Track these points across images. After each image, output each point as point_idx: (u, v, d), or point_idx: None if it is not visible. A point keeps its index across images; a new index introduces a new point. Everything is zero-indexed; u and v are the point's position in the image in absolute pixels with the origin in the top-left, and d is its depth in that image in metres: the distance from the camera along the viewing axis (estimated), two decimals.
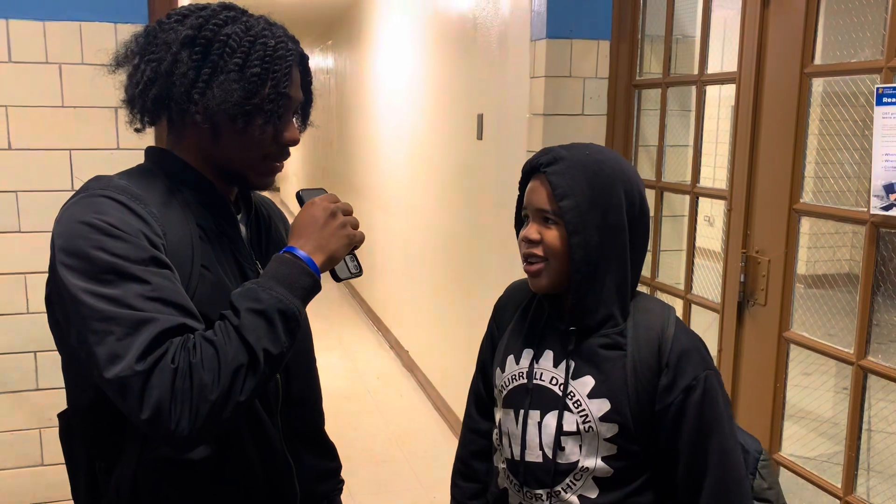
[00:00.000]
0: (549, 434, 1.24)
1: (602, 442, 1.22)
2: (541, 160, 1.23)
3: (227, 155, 1.13)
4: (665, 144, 2.54)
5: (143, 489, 1.09)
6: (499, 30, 3.13)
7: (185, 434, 0.94)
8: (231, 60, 1.07)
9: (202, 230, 1.11)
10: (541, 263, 1.23)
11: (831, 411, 3.89)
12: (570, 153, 1.23)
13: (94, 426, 1.10)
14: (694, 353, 1.22)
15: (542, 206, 1.22)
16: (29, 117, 2.14)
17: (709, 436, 1.19)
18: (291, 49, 1.13)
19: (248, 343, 0.98)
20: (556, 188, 1.19)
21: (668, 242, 2.62)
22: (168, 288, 0.99)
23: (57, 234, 1.01)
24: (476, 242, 3.56)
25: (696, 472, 1.20)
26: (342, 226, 1.11)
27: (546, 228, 1.22)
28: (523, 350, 1.30)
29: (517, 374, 1.30)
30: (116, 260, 0.97)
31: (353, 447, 3.76)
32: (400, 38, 4.98)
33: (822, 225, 6.37)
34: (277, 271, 1.05)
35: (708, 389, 1.20)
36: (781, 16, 1.91)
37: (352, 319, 6.21)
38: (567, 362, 1.25)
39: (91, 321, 0.95)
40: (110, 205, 1.01)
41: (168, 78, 1.07)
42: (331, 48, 8.15)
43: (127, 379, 0.92)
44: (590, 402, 1.22)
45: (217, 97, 1.06)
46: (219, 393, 0.95)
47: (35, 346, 2.21)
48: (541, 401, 1.26)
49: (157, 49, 1.09)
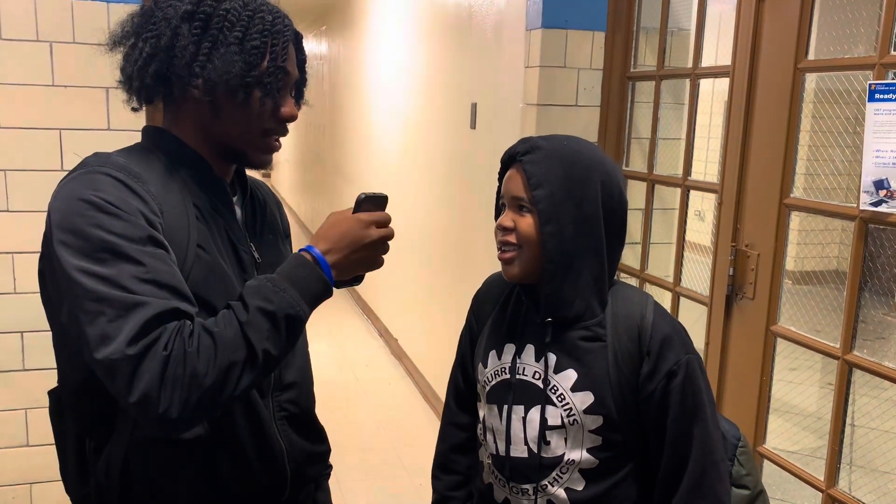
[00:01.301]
0: (533, 429, 1.24)
1: (587, 434, 1.23)
2: (518, 149, 1.24)
3: (227, 130, 1.13)
4: (658, 137, 2.54)
5: (134, 468, 1.09)
6: (494, 18, 3.12)
7: (173, 418, 0.94)
8: (231, 34, 1.07)
9: (198, 210, 1.11)
10: (514, 251, 1.24)
11: (816, 406, 3.92)
12: (547, 143, 1.23)
13: (85, 404, 1.10)
14: (674, 338, 1.22)
15: (517, 194, 1.23)
16: (19, 96, 2.12)
17: (692, 421, 1.20)
18: (288, 24, 1.14)
19: (250, 341, 0.98)
20: (531, 177, 1.20)
21: (659, 235, 2.63)
22: (162, 270, 0.98)
23: (54, 210, 1.01)
24: (467, 231, 3.56)
25: (678, 457, 1.21)
26: (373, 258, 1.13)
27: (520, 216, 1.23)
28: (504, 345, 1.31)
29: (500, 369, 1.30)
30: (113, 238, 0.96)
31: (340, 434, 3.77)
32: (394, 25, 4.95)
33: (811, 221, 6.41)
34: (294, 272, 1.04)
35: (689, 374, 1.21)
36: (776, 10, 1.91)
37: (341, 307, 6.21)
38: (546, 356, 1.25)
39: (83, 300, 0.94)
40: (109, 182, 1.01)
41: (168, 52, 1.07)
42: (324, 34, 8.11)
43: (117, 361, 0.92)
44: (573, 395, 1.22)
45: (218, 69, 1.06)
46: (211, 383, 0.95)
47: (22, 326, 2.19)
48: (524, 396, 1.26)
49: (156, 26, 1.08)
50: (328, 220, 1.12)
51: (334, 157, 7.34)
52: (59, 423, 1.19)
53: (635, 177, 2.61)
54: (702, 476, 1.20)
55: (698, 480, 1.20)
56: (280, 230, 1.33)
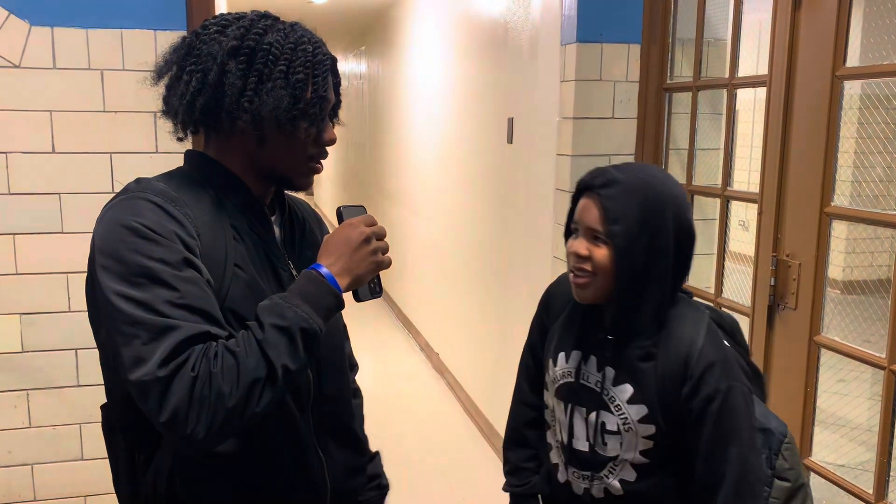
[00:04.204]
0: (593, 430, 1.37)
1: (640, 439, 1.33)
2: (595, 181, 1.30)
3: (273, 159, 1.17)
4: (696, 148, 2.53)
5: (178, 481, 1.13)
6: (529, 34, 3.14)
7: (200, 438, 0.97)
8: (276, 68, 1.11)
9: (236, 231, 1.14)
10: (587, 278, 1.31)
11: (864, 418, 3.82)
12: (624, 176, 1.29)
13: (131, 419, 1.13)
14: (718, 365, 1.29)
15: (593, 226, 1.29)
16: (72, 122, 2.21)
17: (727, 444, 1.27)
18: (327, 53, 1.17)
19: (269, 358, 1.01)
20: (609, 212, 1.26)
21: (699, 246, 2.60)
22: (195, 294, 1.02)
23: (97, 235, 1.06)
24: (506, 246, 3.58)
25: (712, 475, 1.28)
26: (373, 252, 1.15)
27: (595, 246, 1.29)
28: (572, 351, 1.41)
29: (566, 371, 1.41)
30: (150, 262, 1.00)
31: (381, 448, 3.77)
32: (432, 43, 5.02)
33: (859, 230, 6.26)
34: (304, 289, 1.08)
35: (728, 401, 1.27)
36: (813, 18, 1.90)
37: (382, 321, 6.26)
38: (605, 370, 1.35)
39: (120, 323, 0.99)
40: (147, 207, 1.05)
41: (216, 88, 1.10)
42: (364, 53, 8.23)
43: (148, 383, 0.96)
44: (629, 406, 1.32)
45: (269, 104, 1.10)
46: (235, 402, 0.98)
47: (76, 343, 2.28)
48: (587, 400, 1.37)
49: (200, 60, 1.12)
50: (323, 241, 1.16)
51: (375, 174, 7.43)
52: (110, 437, 1.23)
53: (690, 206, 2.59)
54: (735, 497, 1.26)
55: (732, 499, 1.26)
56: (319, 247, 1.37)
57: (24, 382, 2.30)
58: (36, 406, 2.31)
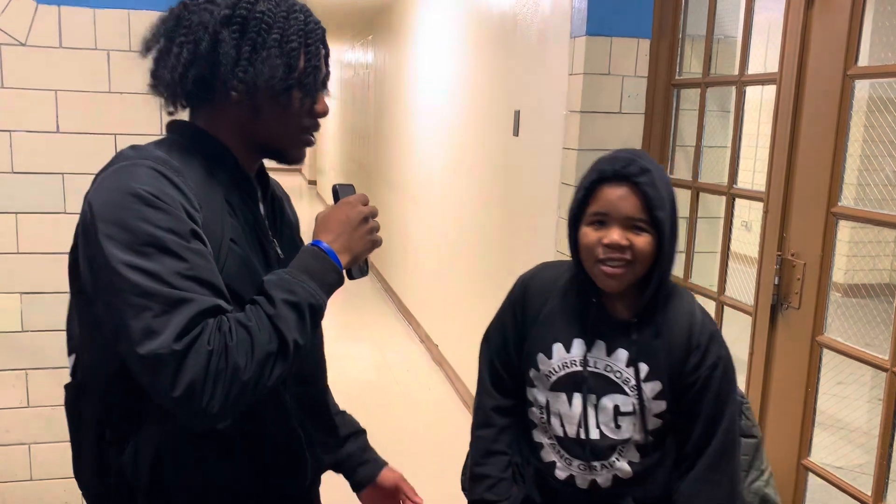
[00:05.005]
0: (606, 415, 1.40)
1: (651, 417, 1.39)
2: (629, 170, 1.31)
3: (266, 130, 1.15)
4: (703, 145, 2.52)
5: (165, 460, 1.10)
6: (538, 26, 3.13)
7: (214, 412, 0.96)
8: (269, 37, 1.09)
9: (229, 205, 1.13)
10: (625, 267, 1.32)
11: (863, 421, 3.82)
12: (650, 164, 1.33)
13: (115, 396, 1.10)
14: (717, 335, 1.40)
15: (633, 214, 1.31)
16: (77, 102, 2.20)
17: (724, 405, 1.38)
18: (318, 22, 1.15)
19: (282, 332, 1.01)
20: (653, 200, 1.30)
21: (703, 244, 2.60)
22: (203, 267, 1.00)
23: (96, 201, 1.01)
24: (509, 238, 3.57)
25: (707, 433, 1.38)
26: (370, 231, 1.16)
27: (635, 235, 1.31)
28: (573, 339, 1.41)
29: (569, 361, 1.41)
30: (158, 232, 0.97)
31: (379, 437, 3.79)
32: (439, 34, 5.00)
33: (862, 233, 6.25)
34: (309, 265, 1.08)
35: (727, 366, 1.39)
36: (825, 16, 1.89)
37: (382, 312, 6.26)
38: (617, 353, 1.39)
39: (128, 294, 0.95)
40: (152, 174, 1.02)
41: (210, 58, 1.08)
42: (371, 43, 8.20)
43: (163, 357, 0.94)
44: (645, 384, 1.38)
45: (264, 74, 1.08)
46: (250, 376, 0.98)
47: None
48: (597, 386, 1.40)
49: (191, 30, 1.09)
50: (320, 218, 1.16)
51: (379, 164, 7.42)
52: (76, 416, 1.20)
53: (680, 185, 2.59)
54: (724, 450, 1.38)
55: (721, 452, 1.38)
56: (295, 227, 1.35)
57: (23, 362, 2.30)
58: (34, 386, 2.31)
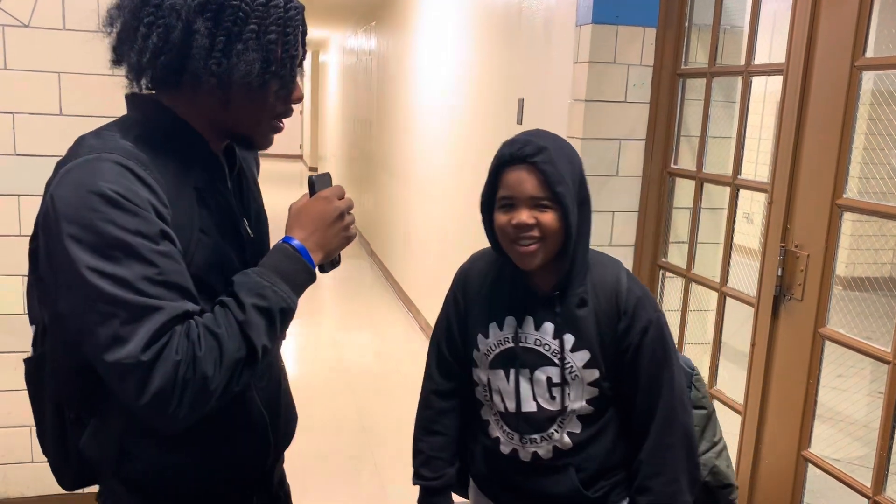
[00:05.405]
0: (540, 387, 1.43)
1: (585, 387, 1.42)
2: (525, 151, 1.34)
3: (238, 119, 1.11)
4: (708, 135, 2.51)
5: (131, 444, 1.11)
6: (544, 14, 3.11)
7: (181, 418, 0.96)
8: (246, 27, 1.03)
9: (198, 192, 1.09)
10: (537, 244, 1.36)
11: (862, 414, 3.83)
12: (545, 142, 1.35)
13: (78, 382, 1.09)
14: (645, 299, 1.42)
15: (535, 194, 1.34)
16: (81, 84, 2.19)
17: (662, 368, 1.41)
18: (298, 6, 1.10)
19: (251, 339, 1.00)
20: (551, 176, 1.33)
21: (706, 235, 2.59)
22: (172, 270, 0.98)
23: (60, 198, 0.96)
24: None
25: (652, 397, 1.41)
26: (346, 227, 1.15)
27: (540, 213, 1.35)
28: (505, 318, 1.45)
29: (503, 339, 1.45)
30: (126, 235, 0.94)
31: (381, 424, 3.81)
32: (444, 21, 4.97)
33: (864, 226, 6.24)
34: (281, 266, 1.07)
35: (659, 330, 1.41)
36: (833, 7, 1.88)
37: (384, 300, 6.26)
38: (544, 326, 1.42)
39: (95, 301, 0.93)
40: (119, 171, 0.97)
41: (182, 48, 1.02)
42: (374, 29, 8.17)
43: (130, 366, 0.92)
44: (573, 355, 1.41)
45: (240, 69, 1.03)
46: (217, 384, 0.98)
47: None
48: (529, 360, 1.43)
49: (161, 12, 1.02)
50: (293, 210, 1.14)
51: (381, 152, 7.40)
52: (36, 390, 1.17)
53: (684, 175, 2.58)
54: (671, 411, 1.41)
55: (669, 414, 1.41)
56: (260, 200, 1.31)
57: (25, 344, 2.29)
58: None
